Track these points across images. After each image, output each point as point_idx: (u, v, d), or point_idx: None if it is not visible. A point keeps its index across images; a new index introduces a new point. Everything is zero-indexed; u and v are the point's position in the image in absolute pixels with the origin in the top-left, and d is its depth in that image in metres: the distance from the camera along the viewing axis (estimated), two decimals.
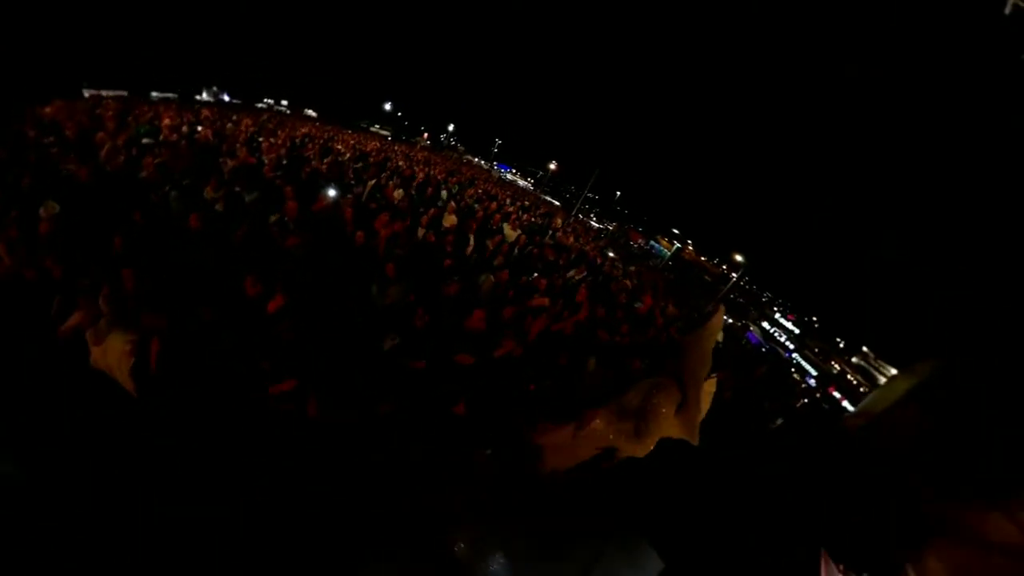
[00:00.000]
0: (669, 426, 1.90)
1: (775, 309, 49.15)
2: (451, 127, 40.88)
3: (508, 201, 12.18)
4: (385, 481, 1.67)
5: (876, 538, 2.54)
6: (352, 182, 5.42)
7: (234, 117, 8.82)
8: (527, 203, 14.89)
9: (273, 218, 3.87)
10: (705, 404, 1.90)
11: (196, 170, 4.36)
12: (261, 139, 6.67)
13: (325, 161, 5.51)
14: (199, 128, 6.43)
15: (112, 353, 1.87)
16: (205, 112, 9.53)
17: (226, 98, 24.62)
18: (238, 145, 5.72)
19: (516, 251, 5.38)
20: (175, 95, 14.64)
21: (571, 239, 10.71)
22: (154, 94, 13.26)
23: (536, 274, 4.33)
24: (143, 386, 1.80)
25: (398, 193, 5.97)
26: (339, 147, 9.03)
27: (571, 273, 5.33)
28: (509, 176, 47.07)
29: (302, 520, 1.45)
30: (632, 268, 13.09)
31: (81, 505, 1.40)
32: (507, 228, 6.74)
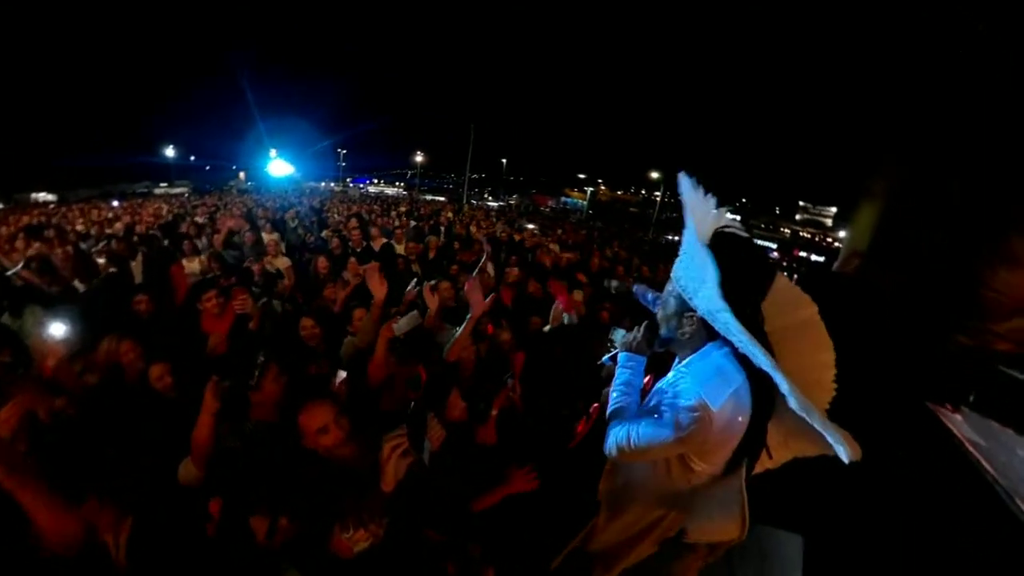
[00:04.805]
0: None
1: None
2: (274, 153, 36.90)
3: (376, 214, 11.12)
4: None
5: (953, 356, 2.75)
6: (96, 281, 3.88)
7: None
8: (403, 208, 13.94)
9: None
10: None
11: None
12: None
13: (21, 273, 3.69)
14: None
15: None
16: None
17: None
18: None
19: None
20: None
21: (473, 228, 10.07)
22: None
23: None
24: None
25: (194, 265, 4.60)
26: (81, 227, 7.12)
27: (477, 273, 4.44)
28: (372, 189, 45.12)
29: None
30: (560, 231, 13.09)
31: None
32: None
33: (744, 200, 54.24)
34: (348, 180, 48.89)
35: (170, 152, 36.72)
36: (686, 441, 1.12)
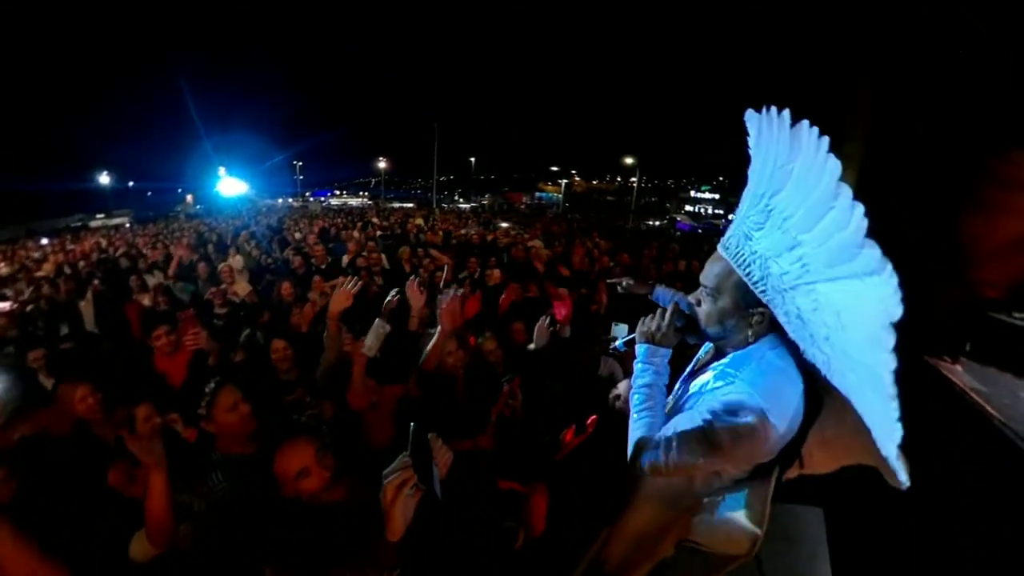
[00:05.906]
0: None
1: (688, 189, 55.99)
2: (223, 171, 35.66)
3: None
4: None
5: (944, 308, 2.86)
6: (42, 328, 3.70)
7: None
8: (373, 218, 13.75)
9: None
10: None
11: None
12: None
13: None
14: None
15: None
16: None
17: None
18: None
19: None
20: None
21: (448, 231, 10.01)
22: None
23: None
24: None
25: (144, 300, 4.41)
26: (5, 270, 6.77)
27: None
28: (335, 201, 44.35)
29: None
30: (538, 226, 13.21)
31: None
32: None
33: (721, 178, 55.52)
34: (308, 194, 47.91)
35: (104, 178, 34.42)
36: (735, 458, 0.99)
